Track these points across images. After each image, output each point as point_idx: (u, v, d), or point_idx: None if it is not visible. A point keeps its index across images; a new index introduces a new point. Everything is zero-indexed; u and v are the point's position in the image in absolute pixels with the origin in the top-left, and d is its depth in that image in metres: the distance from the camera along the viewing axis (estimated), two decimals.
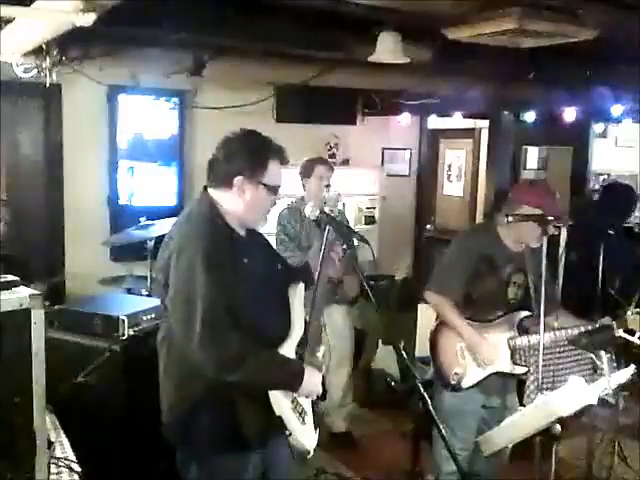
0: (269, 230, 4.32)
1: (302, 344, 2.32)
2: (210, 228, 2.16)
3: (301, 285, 2.40)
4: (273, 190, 2.25)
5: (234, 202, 2.22)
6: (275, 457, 2.34)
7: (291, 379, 2.19)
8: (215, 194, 2.24)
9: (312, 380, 2.23)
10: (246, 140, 2.25)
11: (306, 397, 2.29)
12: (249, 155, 2.21)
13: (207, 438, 2.17)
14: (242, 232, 2.28)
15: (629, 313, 2.90)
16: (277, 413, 2.16)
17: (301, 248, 4.11)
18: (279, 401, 2.17)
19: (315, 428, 2.36)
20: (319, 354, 2.42)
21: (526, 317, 3.08)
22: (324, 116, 5.86)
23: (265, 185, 2.21)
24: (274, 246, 2.81)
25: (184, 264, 2.09)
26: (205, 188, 2.28)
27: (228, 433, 2.16)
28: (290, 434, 2.19)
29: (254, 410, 2.16)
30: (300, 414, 2.27)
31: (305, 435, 2.27)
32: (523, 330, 3.08)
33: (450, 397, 3.11)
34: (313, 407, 2.36)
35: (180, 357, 2.17)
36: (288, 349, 2.26)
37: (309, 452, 2.29)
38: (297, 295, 2.37)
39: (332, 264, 2.47)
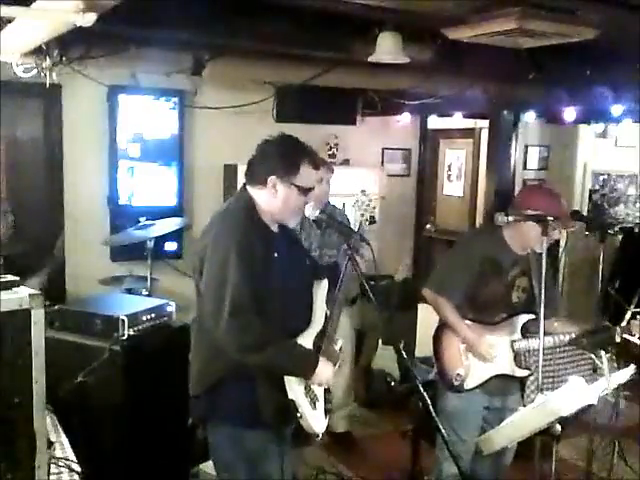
0: None
1: (321, 336, 2.50)
2: (245, 222, 2.37)
3: (325, 281, 2.58)
4: (304, 191, 2.43)
5: (268, 200, 2.42)
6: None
7: (305, 367, 2.38)
8: (252, 192, 2.45)
9: (324, 371, 2.41)
10: (281, 143, 2.48)
11: (318, 385, 2.46)
12: (283, 157, 2.42)
13: (228, 412, 2.38)
14: (275, 228, 2.49)
15: (628, 314, 2.90)
16: (290, 397, 2.35)
17: None
18: (293, 386, 2.37)
19: (326, 415, 2.53)
20: (337, 346, 2.60)
21: (530, 320, 3.08)
22: (324, 116, 5.84)
23: (296, 186, 2.41)
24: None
25: (219, 253, 2.29)
26: (244, 186, 2.49)
27: (248, 409, 2.35)
28: (301, 416, 2.37)
29: (271, 391, 2.36)
30: (312, 399, 2.44)
31: (315, 419, 2.45)
32: (527, 333, 3.08)
33: (453, 398, 3.11)
34: (326, 396, 2.53)
35: (208, 337, 2.36)
36: (307, 339, 2.45)
37: (318, 435, 2.48)
38: (320, 290, 2.58)
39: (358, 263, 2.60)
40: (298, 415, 2.36)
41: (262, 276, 2.31)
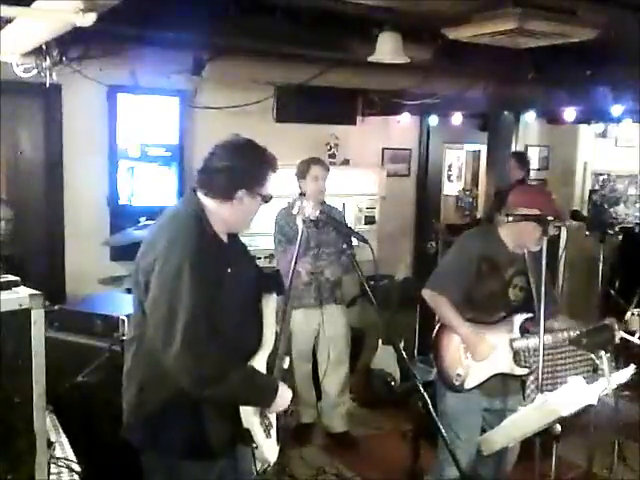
0: (268, 230, 4.35)
1: (273, 356, 2.32)
2: (199, 235, 2.13)
3: (274, 295, 2.38)
4: (267, 199, 2.28)
5: (229, 212, 2.21)
6: (241, 465, 2.33)
7: (265, 397, 2.21)
8: (205, 200, 2.22)
9: (283, 396, 2.24)
10: (247, 154, 2.25)
11: (275, 412, 2.30)
12: (251, 169, 2.23)
13: (172, 443, 2.15)
14: (225, 238, 2.26)
15: (629, 314, 2.91)
16: (245, 426, 2.17)
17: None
18: (249, 415, 2.18)
19: (278, 441, 2.35)
20: (285, 365, 2.43)
21: (528, 319, 3.08)
22: (324, 116, 5.84)
23: (262, 195, 2.25)
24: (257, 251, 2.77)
25: (170, 270, 2.04)
26: (194, 190, 2.26)
27: (194, 439, 2.15)
28: (256, 447, 2.20)
29: (221, 419, 2.16)
30: (266, 427, 2.28)
31: (268, 448, 2.28)
32: (525, 332, 3.08)
33: (453, 399, 3.11)
34: (278, 421, 2.36)
35: (149, 359, 2.14)
36: (260, 362, 2.26)
37: (270, 464, 2.31)
38: (269, 306, 2.36)
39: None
40: (253, 446, 2.19)
41: (216, 296, 2.09)
